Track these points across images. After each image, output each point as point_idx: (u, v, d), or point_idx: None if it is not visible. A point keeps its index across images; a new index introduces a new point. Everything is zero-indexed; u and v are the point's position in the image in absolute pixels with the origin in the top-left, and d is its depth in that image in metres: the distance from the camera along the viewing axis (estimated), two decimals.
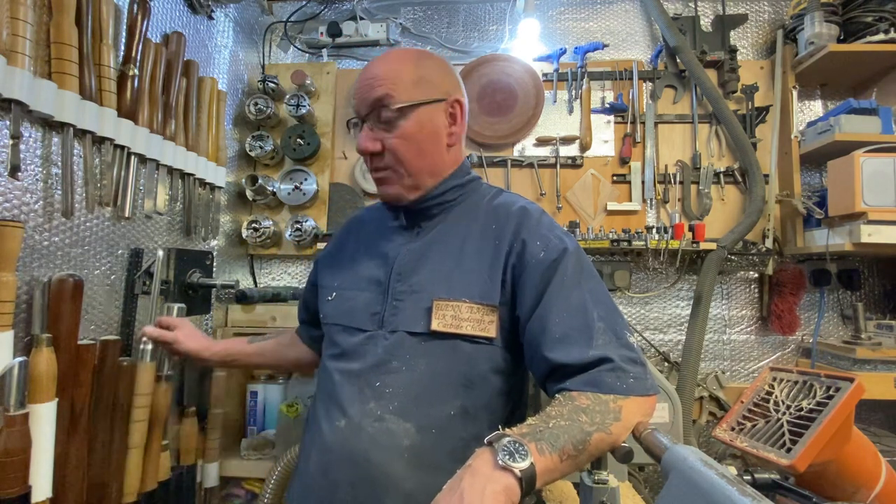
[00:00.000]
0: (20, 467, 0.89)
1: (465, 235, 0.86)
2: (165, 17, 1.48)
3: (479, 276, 0.82)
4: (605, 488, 0.77)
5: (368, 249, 0.95)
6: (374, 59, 0.88)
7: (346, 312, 0.90)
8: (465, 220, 0.88)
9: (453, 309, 0.79)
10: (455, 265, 0.83)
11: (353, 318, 0.89)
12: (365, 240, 0.99)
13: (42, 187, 1.05)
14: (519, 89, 2.04)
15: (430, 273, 0.83)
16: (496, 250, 0.83)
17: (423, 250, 0.87)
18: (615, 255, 2.03)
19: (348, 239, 1.03)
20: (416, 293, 0.82)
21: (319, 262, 1.07)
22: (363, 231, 1.02)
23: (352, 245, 1.00)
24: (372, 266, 0.91)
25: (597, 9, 2.16)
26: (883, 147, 1.63)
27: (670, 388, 1.12)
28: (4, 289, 0.91)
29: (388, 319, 0.84)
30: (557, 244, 0.81)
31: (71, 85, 1.06)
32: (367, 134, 0.85)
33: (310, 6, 2.14)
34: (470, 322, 0.79)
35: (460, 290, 0.81)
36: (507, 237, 0.84)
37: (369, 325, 0.86)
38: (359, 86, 0.86)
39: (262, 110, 1.92)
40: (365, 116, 0.86)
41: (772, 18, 2.11)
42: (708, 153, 2.04)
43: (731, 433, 0.96)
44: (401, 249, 0.89)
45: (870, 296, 1.96)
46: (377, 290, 0.87)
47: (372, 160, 0.87)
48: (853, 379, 0.85)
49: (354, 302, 0.90)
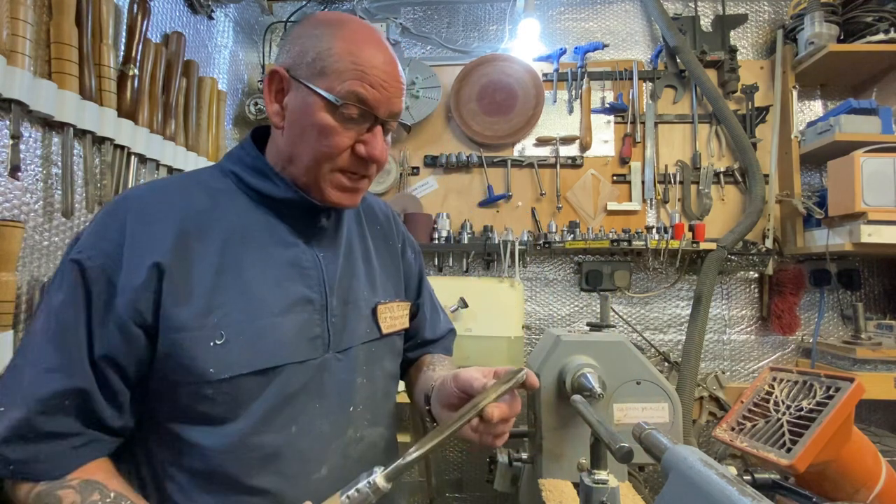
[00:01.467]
0: None
1: (360, 234, 0.86)
2: (165, 17, 1.48)
3: (393, 276, 0.89)
4: (605, 488, 0.77)
5: (262, 261, 0.69)
6: (388, 52, 0.70)
7: (271, 349, 0.66)
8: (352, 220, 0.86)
9: (390, 310, 0.84)
10: (369, 266, 0.85)
11: (288, 353, 0.68)
12: (235, 248, 0.68)
13: (42, 187, 1.05)
14: (519, 89, 2.04)
15: (356, 279, 0.80)
16: (392, 250, 0.91)
17: (342, 255, 0.79)
18: (615, 255, 2.03)
19: (188, 249, 0.65)
20: (352, 303, 0.78)
21: (133, 289, 0.60)
22: (219, 235, 0.68)
23: (204, 257, 0.65)
24: (283, 281, 0.70)
25: (597, 9, 2.16)
26: (883, 147, 1.63)
27: (670, 388, 1.11)
28: (4, 289, 0.91)
29: (334, 338, 0.73)
30: (416, 244, 1.00)
31: (71, 85, 1.06)
32: (383, 143, 0.72)
33: (310, 6, 2.14)
34: (401, 318, 0.86)
35: (388, 290, 0.86)
36: (396, 238, 0.93)
37: (313, 353, 0.70)
38: (384, 76, 0.68)
39: (262, 110, 1.92)
40: (384, 120, 0.70)
41: (772, 18, 2.11)
42: (708, 153, 2.04)
43: (731, 433, 0.96)
44: (318, 257, 0.75)
45: (870, 296, 1.97)
46: (309, 311, 0.71)
47: (367, 168, 0.72)
48: (853, 379, 0.85)
49: (280, 332, 0.67)
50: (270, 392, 0.66)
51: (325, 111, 0.66)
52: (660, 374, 1.12)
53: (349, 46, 0.66)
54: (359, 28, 0.69)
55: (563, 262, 2.06)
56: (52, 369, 0.58)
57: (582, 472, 0.81)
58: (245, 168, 0.73)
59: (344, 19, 0.70)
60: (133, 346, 0.61)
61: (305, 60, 0.67)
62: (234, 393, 0.64)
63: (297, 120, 0.68)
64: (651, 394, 1.10)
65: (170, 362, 0.62)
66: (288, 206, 0.73)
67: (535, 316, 2.05)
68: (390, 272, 0.88)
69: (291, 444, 0.67)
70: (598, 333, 1.25)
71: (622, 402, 1.10)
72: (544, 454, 1.08)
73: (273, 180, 0.72)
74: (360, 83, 0.66)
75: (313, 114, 0.66)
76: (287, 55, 0.70)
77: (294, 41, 0.70)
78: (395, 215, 0.96)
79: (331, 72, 0.66)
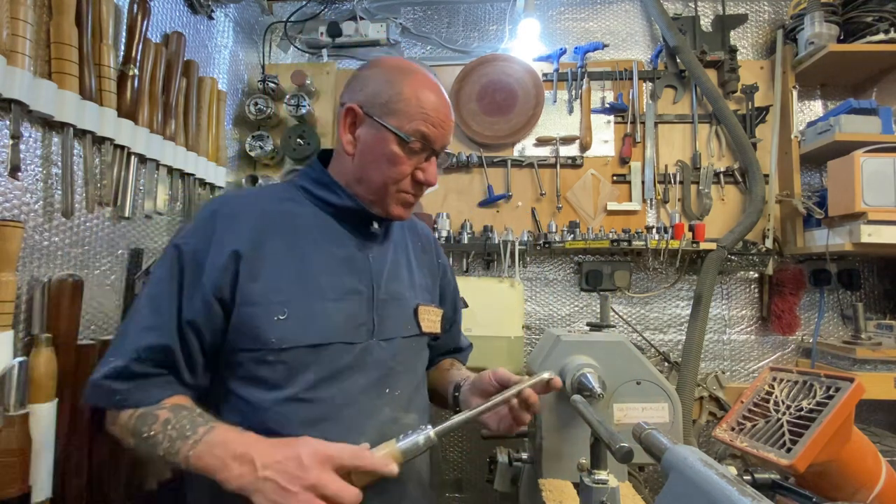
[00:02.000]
0: (20, 467, 0.90)
1: (404, 245, 1.01)
2: (165, 17, 1.48)
3: (431, 285, 1.04)
4: (605, 488, 0.77)
5: (321, 255, 0.84)
6: (444, 96, 0.87)
7: (324, 329, 0.80)
8: (398, 232, 1.01)
9: (428, 313, 0.97)
10: (410, 273, 0.98)
11: (338, 333, 0.81)
12: (300, 244, 0.84)
13: (42, 187, 1.05)
14: (519, 89, 2.04)
15: (400, 281, 0.94)
16: (431, 264, 1.06)
17: (388, 258, 0.94)
18: (615, 255, 2.03)
19: (263, 242, 0.81)
20: (397, 300, 0.91)
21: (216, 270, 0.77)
22: (289, 233, 0.84)
23: (275, 249, 0.82)
24: (338, 273, 0.84)
25: (597, 9, 2.16)
26: (883, 147, 1.63)
27: (670, 388, 1.11)
28: (4, 289, 0.91)
29: (379, 327, 0.86)
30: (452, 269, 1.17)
31: (71, 85, 1.06)
32: (436, 170, 0.89)
33: (310, 6, 2.14)
34: (436, 322, 1.00)
35: (427, 295, 1.01)
36: (435, 256, 1.08)
37: (359, 337, 0.84)
38: (443, 118, 0.85)
39: (262, 110, 1.92)
40: (438, 151, 0.87)
41: (772, 18, 2.11)
42: (708, 153, 2.04)
43: (731, 433, 0.96)
44: (368, 257, 0.89)
45: (870, 296, 1.96)
46: (357, 300, 0.85)
47: (421, 190, 0.89)
48: (853, 379, 0.85)
49: (332, 315, 0.81)
50: (320, 365, 0.80)
51: (396, 144, 0.83)
52: (660, 374, 1.12)
53: (416, 92, 0.83)
54: (422, 77, 0.86)
55: (563, 262, 2.06)
56: (148, 328, 0.76)
57: (582, 472, 0.82)
58: (312, 182, 0.91)
59: (411, 68, 0.87)
60: (212, 316, 0.77)
61: (378, 101, 0.83)
62: (290, 362, 0.78)
63: (369, 149, 0.84)
64: (651, 394, 1.10)
65: (240, 332, 0.78)
66: (346, 213, 0.89)
67: (535, 316, 2.05)
68: (428, 281, 1.03)
69: (336, 413, 0.80)
70: (598, 333, 1.25)
71: (622, 402, 1.10)
72: (544, 454, 1.08)
73: (336, 192, 0.89)
74: (425, 123, 0.83)
75: (386, 146, 0.83)
76: (360, 94, 0.86)
77: (365, 83, 0.86)
78: (436, 239, 1.14)
79: (401, 112, 0.82)
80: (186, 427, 0.70)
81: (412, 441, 0.69)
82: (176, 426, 0.70)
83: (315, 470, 0.63)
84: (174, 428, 0.70)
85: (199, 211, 0.86)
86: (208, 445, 0.68)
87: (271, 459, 0.64)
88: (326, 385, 0.80)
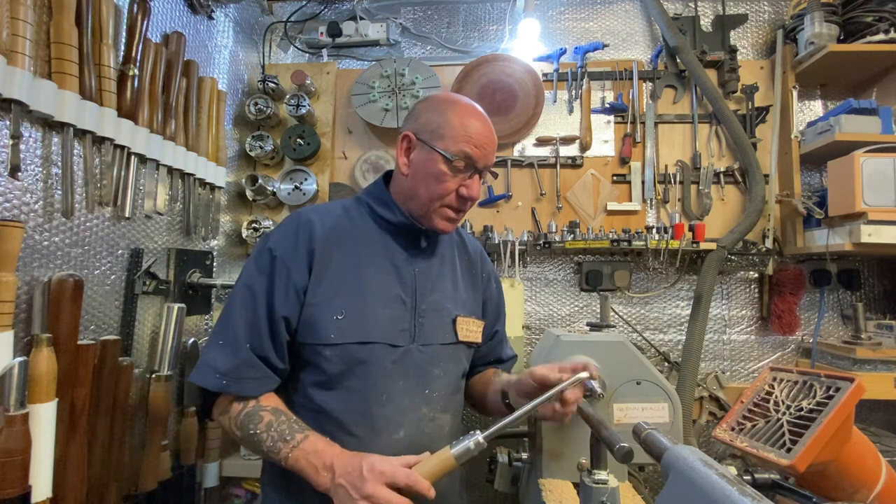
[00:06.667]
0: (20, 467, 0.90)
1: (451, 261, 1.08)
2: (165, 17, 1.48)
3: (473, 299, 1.10)
4: (605, 488, 0.77)
5: (375, 266, 0.96)
6: (487, 121, 0.97)
7: (372, 330, 0.92)
8: (447, 249, 1.09)
9: (467, 323, 1.05)
10: (455, 287, 1.06)
11: (383, 335, 0.93)
12: (359, 255, 0.96)
13: (42, 187, 1.05)
14: (519, 89, 2.04)
15: (442, 293, 1.02)
16: (475, 279, 1.13)
17: (433, 272, 1.03)
18: (615, 255, 2.03)
19: (330, 251, 0.94)
20: (437, 311, 1.00)
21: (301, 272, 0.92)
22: (350, 244, 0.96)
23: (339, 258, 0.94)
24: (387, 283, 0.96)
25: (597, 9, 2.16)
26: (883, 147, 1.63)
27: (670, 388, 1.11)
28: (4, 289, 0.91)
29: (419, 334, 0.97)
30: (500, 280, 1.22)
31: (71, 85, 1.07)
32: (479, 186, 0.98)
33: (310, 6, 2.14)
34: (475, 332, 1.07)
35: (468, 308, 1.07)
36: (481, 270, 1.15)
37: (401, 341, 0.94)
38: (484, 140, 0.95)
39: (262, 110, 1.92)
40: (481, 170, 0.97)
41: (772, 18, 2.11)
42: (708, 153, 2.04)
43: (731, 433, 0.96)
44: (414, 271, 0.99)
45: (870, 296, 1.96)
46: (401, 308, 0.96)
47: (465, 205, 0.98)
48: (853, 379, 0.85)
49: (379, 319, 0.93)
50: (369, 363, 0.91)
51: (443, 164, 0.93)
52: (660, 374, 1.12)
53: (461, 119, 0.95)
54: (467, 106, 0.97)
55: (563, 262, 2.06)
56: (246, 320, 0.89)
57: (582, 472, 0.82)
58: (374, 199, 1.03)
59: (458, 100, 0.99)
60: (296, 310, 0.91)
61: (429, 129, 0.95)
62: (344, 357, 0.90)
63: (420, 169, 0.96)
64: (651, 394, 1.10)
65: (305, 326, 0.91)
66: (400, 229, 1.01)
67: (535, 316, 2.05)
68: (470, 295, 1.10)
69: (380, 407, 0.92)
70: (598, 333, 1.25)
71: (622, 402, 1.10)
72: (544, 454, 1.08)
73: (393, 209, 1.00)
74: (468, 145, 0.93)
75: (434, 165, 0.94)
76: (414, 123, 0.98)
77: (420, 114, 0.99)
78: (484, 253, 1.21)
79: (447, 136, 0.94)
80: (286, 432, 0.84)
81: (464, 446, 0.77)
82: (277, 429, 0.84)
83: (371, 482, 0.75)
84: (276, 430, 0.84)
85: (284, 219, 1.00)
86: (304, 452, 0.82)
87: (344, 470, 0.78)
88: (373, 382, 0.92)
